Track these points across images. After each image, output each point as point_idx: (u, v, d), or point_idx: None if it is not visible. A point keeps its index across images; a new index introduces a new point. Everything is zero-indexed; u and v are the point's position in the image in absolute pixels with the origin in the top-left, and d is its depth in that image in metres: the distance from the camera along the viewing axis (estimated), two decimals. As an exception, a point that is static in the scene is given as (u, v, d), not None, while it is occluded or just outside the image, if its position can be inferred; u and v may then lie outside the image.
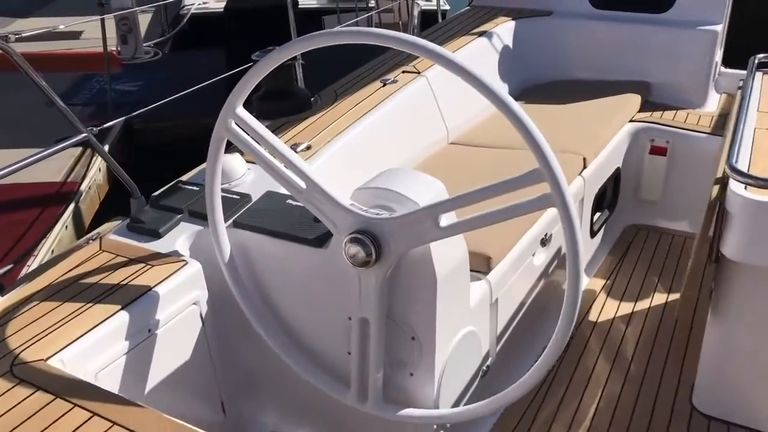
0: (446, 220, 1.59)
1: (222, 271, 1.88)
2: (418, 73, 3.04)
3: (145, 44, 8.86)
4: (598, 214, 3.18)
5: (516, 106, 1.43)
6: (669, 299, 2.93)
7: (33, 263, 4.37)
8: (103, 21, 6.74)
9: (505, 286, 2.21)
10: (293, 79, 2.73)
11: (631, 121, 3.37)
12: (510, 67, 3.64)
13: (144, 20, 10.22)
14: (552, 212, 2.46)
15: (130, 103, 7.14)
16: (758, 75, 2.80)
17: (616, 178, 3.29)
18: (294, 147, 2.42)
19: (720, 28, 3.49)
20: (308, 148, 2.43)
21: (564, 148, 2.87)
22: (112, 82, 7.53)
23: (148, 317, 1.75)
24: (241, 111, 1.71)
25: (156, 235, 1.99)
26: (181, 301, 1.84)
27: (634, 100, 3.45)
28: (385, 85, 2.92)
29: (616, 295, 2.97)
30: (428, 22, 9.42)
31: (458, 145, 3.05)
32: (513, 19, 3.77)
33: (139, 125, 6.81)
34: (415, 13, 9.57)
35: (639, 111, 3.46)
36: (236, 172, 2.23)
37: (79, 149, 5.99)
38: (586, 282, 3.06)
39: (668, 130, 3.33)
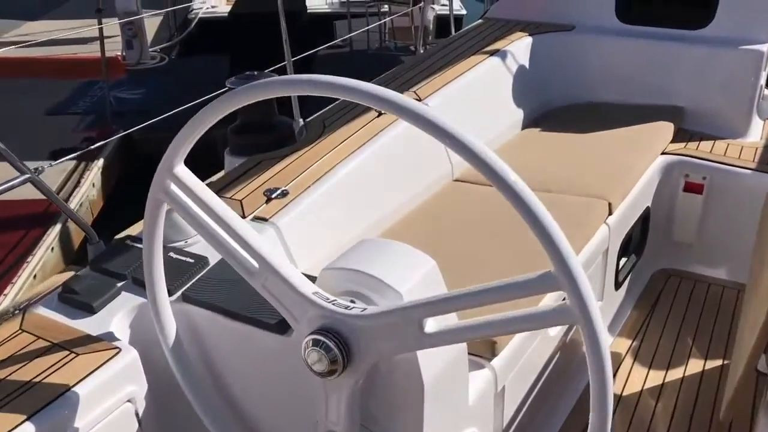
0: (435, 323, 1.23)
1: (165, 356, 1.54)
2: (420, 99, 2.67)
3: (151, 49, 8.60)
4: (623, 260, 2.80)
5: (518, 183, 1.07)
6: (707, 367, 2.54)
7: (10, 292, 4.08)
8: (101, 26, 6.46)
9: (513, 370, 1.85)
10: (273, 108, 2.39)
11: (662, 153, 2.98)
12: (526, 88, 3.27)
13: (153, 23, 9.97)
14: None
15: (132, 113, 6.86)
16: None
17: (644, 218, 2.90)
18: (269, 193, 2.07)
19: (766, 48, 3.08)
20: (284, 194, 2.07)
21: (587, 191, 2.49)
22: (114, 89, 7.27)
23: (65, 425, 1.41)
24: (181, 170, 1.37)
25: (89, 310, 1.66)
26: (111, 399, 1.50)
27: (666, 128, 3.06)
28: (380, 114, 2.56)
29: (644, 360, 2.59)
30: (444, 28, 9.06)
31: (464, 182, 2.68)
32: (530, 35, 3.39)
33: (140, 135, 6.50)
34: (430, 17, 9.22)
35: (671, 141, 3.07)
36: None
37: (73, 162, 5.72)
38: (609, 342, 2.68)
39: (705, 165, 2.93)
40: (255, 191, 2.10)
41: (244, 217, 1.96)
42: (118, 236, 2.31)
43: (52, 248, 4.69)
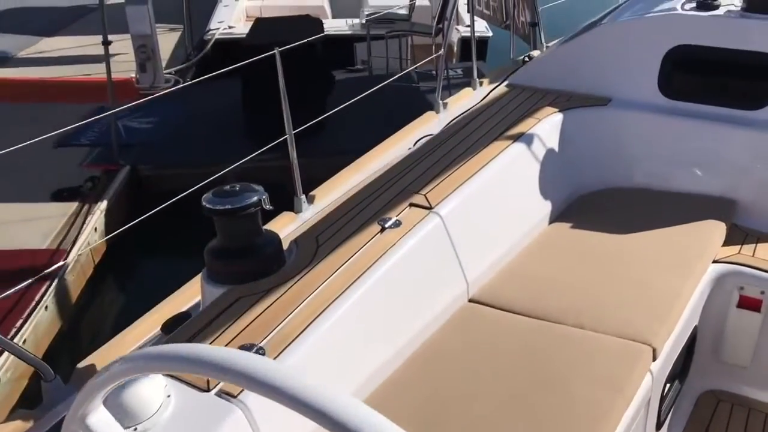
0: None
1: None
2: (430, 208, 2.31)
3: (166, 71, 8.33)
4: (665, 391, 2.42)
5: None
6: None
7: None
8: (107, 50, 6.19)
9: None
10: (258, 226, 2.04)
11: (714, 261, 2.58)
12: (556, 173, 2.89)
13: (170, 44, 9.73)
14: None
15: (140, 145, 6.60)
16: None
17: (691, 339, 2.51)
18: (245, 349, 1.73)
19: None
20: (260, 354, 1.73)
21: (627, 329, 2.11)
22: (123, 117, 7.01)
23: None
24: (95, 420, 1.08)
25: None
26: None
27: (717, 229, 2.66)
28: (384, 229, 2.21)
29: None
30: (468, 50, 8.64)
31: (481, 304, 2.32)
32: (560, 110, 3.01)
33: (147, 172, 6.26)
34: (455, 39, 8.82)
35: (724, 243, 2.67)
36: (147, 407, 1.54)
37: (75, 205, 5.45)
38: None
39: (765, 277, 2.53)
40: (227, 347, 1.76)
41: (208, 389, 1.62)
42: (80, 364, 1.99)
43: (46, 307, 4.42)
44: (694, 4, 2.97)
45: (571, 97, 3.13)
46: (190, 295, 2.14)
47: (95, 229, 5.30)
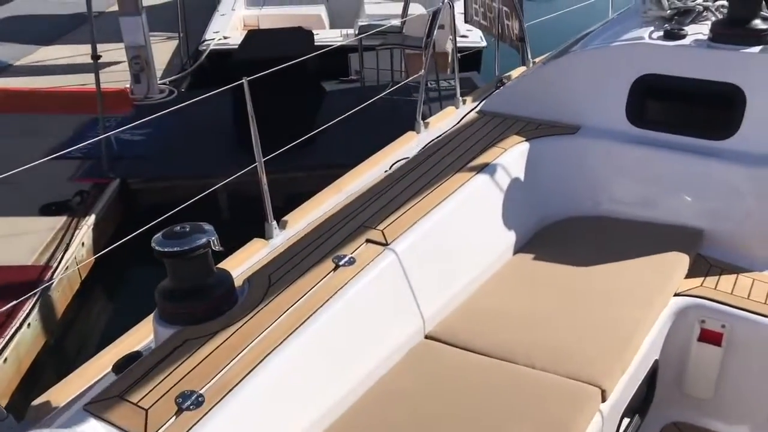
0: None
1: None
2: (386, 244, 2.32)
3: (160, 82, 8.37)
4: (623, 427, 2.41)
5: None
6: None
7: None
8: (96, 64, 6.22)
9: None
10: (209, 267, 2.05)
11: (675, 294, 2.57)
12: (522, 202, 2.89)
13: (167, 53, 9.76)
14: None
15: (131, 158, 6.62)
16: None
17: (652, 372, 2.51)
18: (180, 401, 1.74)
19: None
20: (198, 404, 1.74)
21: (574, 372, 2.11)
22: (115, 128, 7.03)
23: None
24: None
25: None
26: None
27: (681, 261, 2.66)
28: (337, 267, 2.22)
29: None
30: (464, 61, 8.63)
31: (437, 341, 2.33)
32: (527, 139, 3.01)
33: (137, 185, 6.29)
34: (448, 49, 8.82)
35: (687, 275, 2.66)
36: None
37: (63, 219, 5.49)
38: None
39: (725, 311, 2.52)
40: (167, 394, 1.78)
41: None
42: (36, 402, 2.01)
43: (29, 324, 4.46)
44: (661, 33, 2.96)
45: (540, 124, 3.13)
46: (145, 333, 2.16)
47: (82, 243, 5.34)
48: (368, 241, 2.34)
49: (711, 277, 2.67)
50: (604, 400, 2.07)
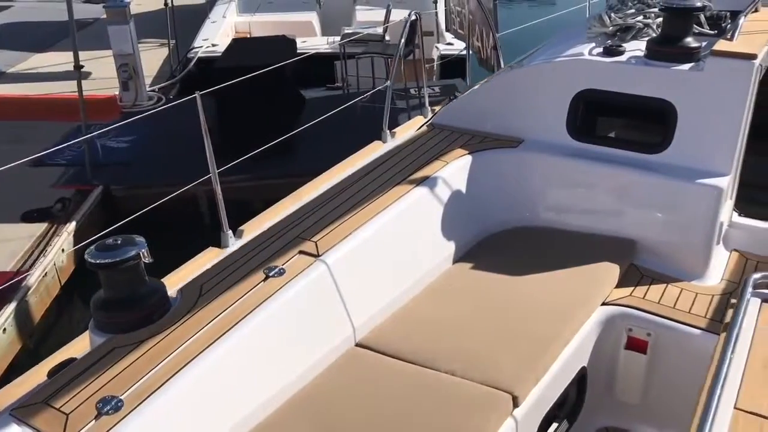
0: None
1: None
2: (317, 256, 2.42)
3: (149, 89, 8.50)
4: (552, 429, 2.51)
5: None
6: None
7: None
8: (79, 73, 6.34)
9: None
10: (142, 276, 2.16)
11: (604, 303, 2.67)
12: (464, 213, 2.99)
13: (158, 60, 9.90)
14: None
15: (115, 165, 6.74)
16: (753, 302, 2.07)
17: (580, 379, 2.60)
18: (101, 406, 1.85)
19: (726, 182, 2.75)
20: (117, 408, 1.85)
21: (489, 379, 2.20)
22: (102, 136, 7.16)
23: None
24: None
25: None
26: None
27: (612, 271, 2.75)
28: (267, 278, 2.32)
29: None
30: (446, 68, 8.73)
31: (366, 349, 2.42)
32: (470, 153, 3.10)
33: (120, 192, 6.41)
34: (434, 56, 8.92)
35: (618, 284, 2.75)
36: None
37: (44, 226, 5.61)
38: None
39: (650, 319, 2.62)
40: (89, 399, 1.89)
41: None
42: None
43: (4, 329, 4.57)
44: (601, 50, 3.05)
45: (485, 138, 3.23)
46: (86, 343, 2.26)
47: (62, 249, 5.45)
48: (301, 252, 2.45)
49: (641, 286, 2.76)
50: (516, 405, 2.17)
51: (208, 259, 2.61)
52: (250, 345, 2.13)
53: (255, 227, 2.75)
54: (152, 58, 9.94)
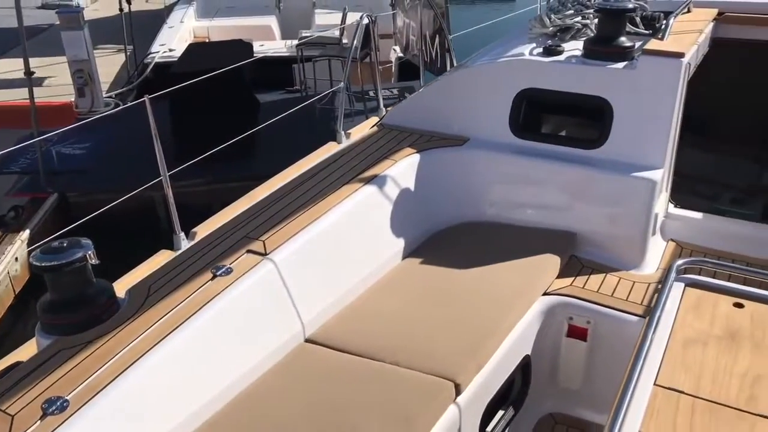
0: None
1: None
2: (265, 254, 2.47)
3: (105, 95, 8.43)
4: (496, 419, 2.59)
5: None
6: None
7: None
8: (30, 80, 6.27)
9: None
10: (89, 278, 2.18)
11: (545, 293, 2.76)
12: (412, 210, 3.06)
13: (116, 66, 9.81)
14: None
15: (71, 172, 6.67)
16: (677, 287, 2.18)
17: (524, 367, 2.69)
18: (46, 406, 1.87)
19: (660, 175, 2.87)
20: (62, 408, 1.87)
21: (433, 368, 2.27)
22: (55, 144, 7.08)
23: None
24: None
25: None
26: None
27: (553, 262, 2.85)
28: (215, 277, 2.36)
29: None
30: (405, 70, 8.84)
31: (316, 344, 2.48)
32: (418, 151, 3.19)
33: (75, 198, 6.35)
34: (392, 58, 9.02)
35: (559, 275, 2.86)
36: None
37: (-3, 234, 5.54)
38: None
39: (590, 308, 2.72)
40: (35, 400, 1.90)
41: None
42: None
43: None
44: (541, 50, 3.16)
45: (432, 137, 3.31)
46: (33, 347, 2.27)
47: (16, 258, 5.39)
48: (249, 251, 2.49)
49: (581, 276, 2.87)
50: (458, 393, 2.24)
51: (159, 261, 2.63)
52: (197, 344, 2.17)
53: (207, 229, 2.78)
54: (109, 63, 9.85)
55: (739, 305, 2.06)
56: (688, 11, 3.40)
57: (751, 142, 3.74)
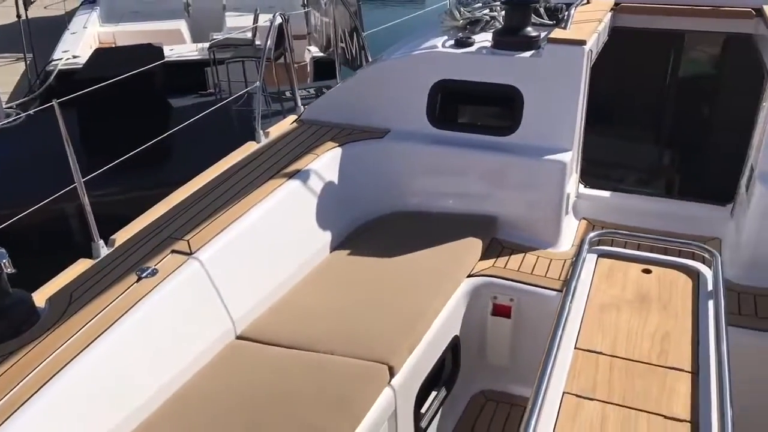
0: None
1: None
2: (190, 254, 2.45)
3: (6, 105, 8.01)
4: (430, 399, 2.66)
5: None
6: None
7: None
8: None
9: None
10: (4, 285, 2.10)
11: (470, 275, 2.86)
12: (337, 203, 3.10)
13: (15, 76, 9.34)
14: None
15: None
16: (590, 258, 2.32)
17: (454, 347, 2.78)
18: None
19: (570, 157, 3.03)
20: None
21: (367, 354, 2.32)
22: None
23: None
24: None
25: None
26: None
27: (476, 245, 2.96)
28: (140, 279, 2.32)
29: None
30: (321, 70, 8.85)
31: (248, 341, 2.47)
32: (340, 145, 3.23)
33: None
34: (307, 59, 9.02)
35: (482, 257, 2.96)
36: None
37: None
38: None
39: (512, 286, 2.84)
40: None
41: None
42: None
43: None
44: (453, 42, 3.27)
45: (353, 130, 3.36)
46: None
47: None
48: (173, 251, 2.46)
49: (503, 257, 2.99)
50: (392, 375, 2.30)
51: (79, 269, 2.56)
52: (125, 348, 2.13)
53: (127, 234, 2.72)
54: (8, 73, 9.38)
55: (647, 271, 2.21)
56: (588, 2, 3.60)
57: (649, 126, 3.99)
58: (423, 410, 2.60)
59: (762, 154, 2.79)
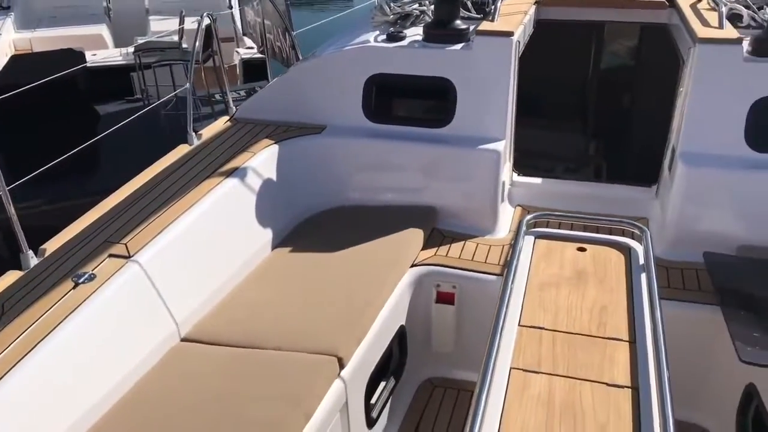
0: None
1: None
2: (129, 257, 2.39)
3: None
4: (379, 390, 2.69)
5: None
6: None
7: None
8: None
9: None
10: None
11: (413, 265, 2.90)
12: (276, 201, 3.08)
13: None
14: None
15: None
16: (528, 240, 2.39)
17: (401, 336, 2.81)
18: None
19: (503, 146, 3.11)
20: None
21: (315, 347, 2.32)
22: None
23: None
24: None
25: None
26: None
27: (417, 236, 3.00)
28: (77, 285, 2.25)
29: None
30: (251, 72, 8.75)
31: (193, 342, 2.43)
32: (276, 142, 3.21)
33: None
34: (236, 60, 8.91)
35: (424, 247, 3.01)
36: None
37: None
38: None
39: (454, 273, 2.90)
40: None
41: None
42: None
43: None
44: (384, 37, 3.30)
45: (289, 127, 3.35)
46: None
47: None
48: (111, 255, 2.39)
49: (444, 246, 3.04)
50: (342, 367, 2.31)
51: (8, 281, 2.46)
52: (65, 356, 2.06)
53: (58, 242, 2.64)
54: None
55: (582, 249, 2.30)
56: None
57: (575, 115, 4.14)
58: (373, 401, 2.62)
59: (682, 135, 2.95)
